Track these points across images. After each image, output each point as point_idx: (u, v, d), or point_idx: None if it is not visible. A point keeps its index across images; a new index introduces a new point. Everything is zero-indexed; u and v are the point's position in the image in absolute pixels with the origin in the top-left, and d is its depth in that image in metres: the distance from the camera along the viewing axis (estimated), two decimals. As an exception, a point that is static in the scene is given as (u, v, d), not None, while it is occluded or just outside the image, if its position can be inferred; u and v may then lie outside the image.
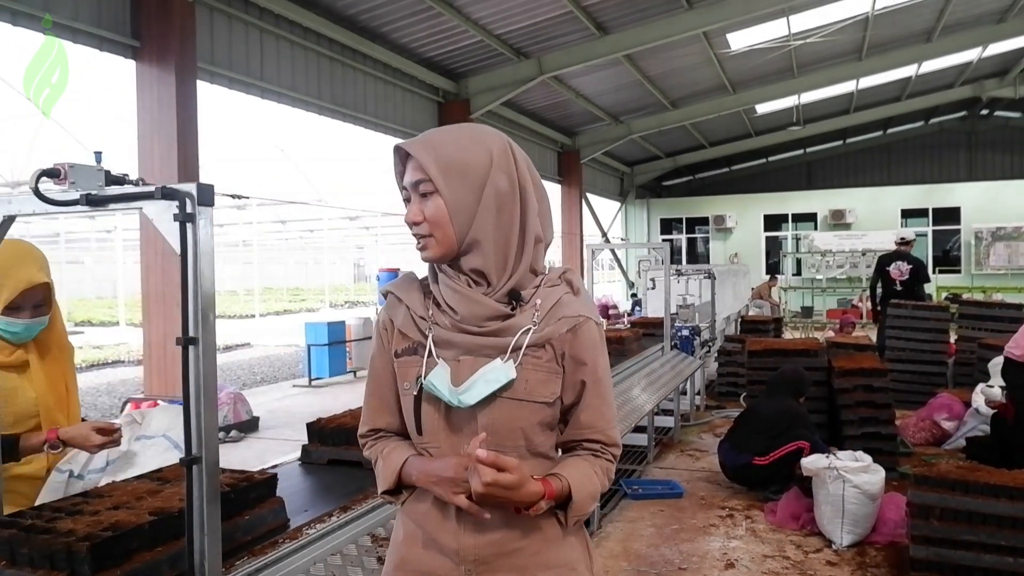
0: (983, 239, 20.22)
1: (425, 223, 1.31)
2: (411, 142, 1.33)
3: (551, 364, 1.34)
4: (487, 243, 1.31)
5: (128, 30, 6.99)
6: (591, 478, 1.35)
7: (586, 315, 1.37)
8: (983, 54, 15.37)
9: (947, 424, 6.18)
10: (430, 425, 1.35)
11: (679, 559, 3.93)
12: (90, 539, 1.41)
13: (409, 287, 1.42)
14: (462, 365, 1.32)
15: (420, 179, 1.31)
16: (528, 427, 1.33)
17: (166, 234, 1.41)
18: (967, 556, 3.26)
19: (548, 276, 1.40)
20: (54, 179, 1.48)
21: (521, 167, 1.36)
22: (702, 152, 21.28)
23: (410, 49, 10.84)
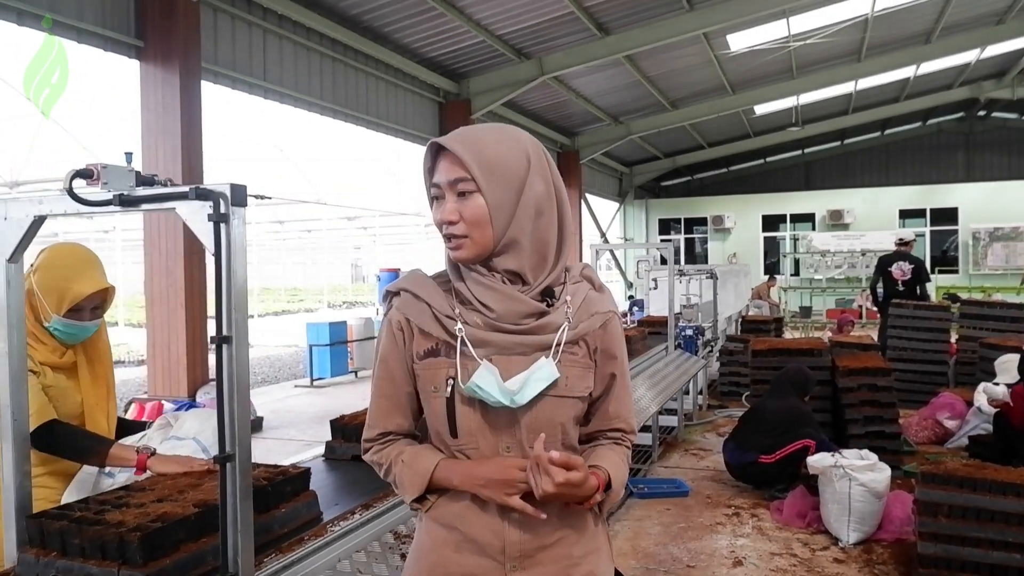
0: (981, 239, 20.29)
1: (462, 223, 1.29)
2: (451, 138, 1.31)
3: (585, 359, 1.37)
4: (524, 244, 1.30)
5: (132, 30, 7.01)
6: (621, 467, 1.40)
7: (613, 310, 1.42)
8: (981, 55, 15.43)
9: (950, 423, 6.22)
10: (468, 426, 1.33)
11: (687, 557, 3.95)
12: (140, 529, 1.44)
13: (426, 285, 1.38)
14: (507, 365, 1.31)
15: (460, 177, 1.28)
16: (567, 422, 1.36)
17: (199, 234, 1.43)
18: (975, 552, 3.29)
19: (571, 273, 1.41)
20: (86, 179, 1.49)
21: (554, 169, 1.37)
22: (701, 152, 21.32)
23: (412, 49, 10.86)
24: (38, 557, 1.54)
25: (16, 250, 1.63)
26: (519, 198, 1.29)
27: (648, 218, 24.00)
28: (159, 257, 7.00)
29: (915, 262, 8.99)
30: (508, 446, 1.33)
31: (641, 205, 23.88)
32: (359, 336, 11.07)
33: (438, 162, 1.32)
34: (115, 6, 6.86)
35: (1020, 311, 7.84)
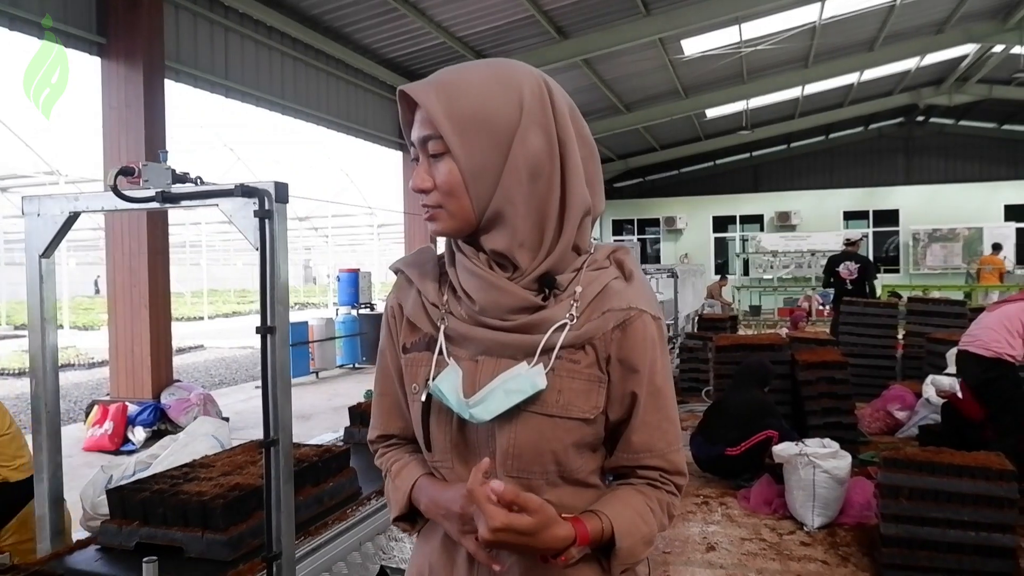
0: (920, 240, 21.08)
1: (435, 191, 1.05)
2: (419, 85, 1.05)
3: (592, 370, 1.07)
4: (514, 217, 1.03)
5: (94, 27, 6.90)
6: (646, 516, 1.08)
7: (640, 307, 1.08)
8: (921, 64, 16.05)
9: (900, 414, 6.51)
10: (440, 440, 1.11)
11: (663, 544, 4.10)
12: (223, 497, 1.52)
13: (423, 267, 1.16)
14: (481, 367, 1.07)
15: (429, 135, 1.03)
16: (561, 449, 1.06)
17: (244, 229, 1.50)
18: (934, 532, 3.50)
19: (593, 256, 1.11)
20: (128, 177, 1.55)
21: (562, 117, 1.06)
22: (653, 155, 21.70)
23: (372, 50, 10.87)
24: (120, 526, 1.64)
25: (49, 246, 1.67)
26: (506, 159, 1.02)
27: (602, 219, 24.23)
28: (122, 257, 6.91)
29: (861, 261, 9.42)
30: (485, 472, 1.02)
31: (595, 206, 24.17)
32: (320, 336, 11.03)
33: (415, 115, 1.07)
34: (76, 3, 6.75)
35: (962, 307, 8.23)
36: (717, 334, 7.74)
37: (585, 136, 1.09)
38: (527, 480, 1.06)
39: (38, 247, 1.67)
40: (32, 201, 1.65)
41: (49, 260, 1.69)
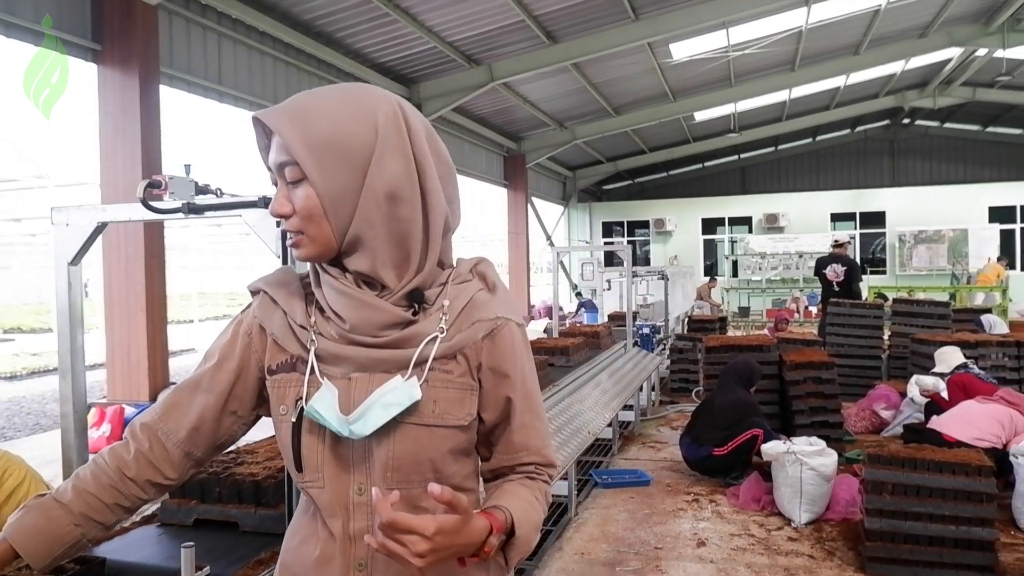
0: (906, 242, 21.33)
1: (295, 216, 1.05)
2: (273, 112, 1.05)
3: (464, 379, 1.11)
4: (374, 240, 1.06)
5: (89, 33, 6.96)
6: (534, 506, 1.13)
7: (506, 316, 1.13)
8: (906, 67, 16.27)
9: (885, 413, 6.65)
10: (312, 459, 1.09)
11: (654, 540, 4.21)
12: (273, 477, 1.66)
13: (288, 287, 1.16)
14: (355, 384, 1.08)
15: (285, 161, 1.04)
16: (438, 457, 1.09)
17: (265, 239, 1.59)
18: (916, 526, 3.63)
19: (457, 270, 1.16)
20: (155, 190, 1.64)
21: (418, 138, 1.08)
22: (642, 157, 21.87)
23: (364, 54, 10.95)
24: (179, 505, 1.87)
25: (78, 254, 1.76)
26: (362, 183, 1.04)
27: (592, 221, 24.45)
28: (118, 261, 6.96)
29: (847, 263, 9.60)
30: (360, 486, 1.08)
31: (585, 208, 24.32)
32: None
33: (272, 140, 1.07)
34: (72, 9, 6.81)
35: (946, 308, 8.40)
36: (707, 335, 7.87)
37: (442, 155, 1.12)
38: (407, 489, 1.07)
39: (67, 255, 1.76)
40: (61, 211, 1.74)
41: (77, 267, 1.78)
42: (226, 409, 1.17)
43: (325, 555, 1.10)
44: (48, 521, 1.10)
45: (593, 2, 10.44)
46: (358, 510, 1.08)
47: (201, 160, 18.94)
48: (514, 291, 18.16)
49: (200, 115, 22.86)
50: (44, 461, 6.55)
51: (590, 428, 4.42)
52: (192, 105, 8.56)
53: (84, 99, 7.15)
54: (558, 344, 5.89)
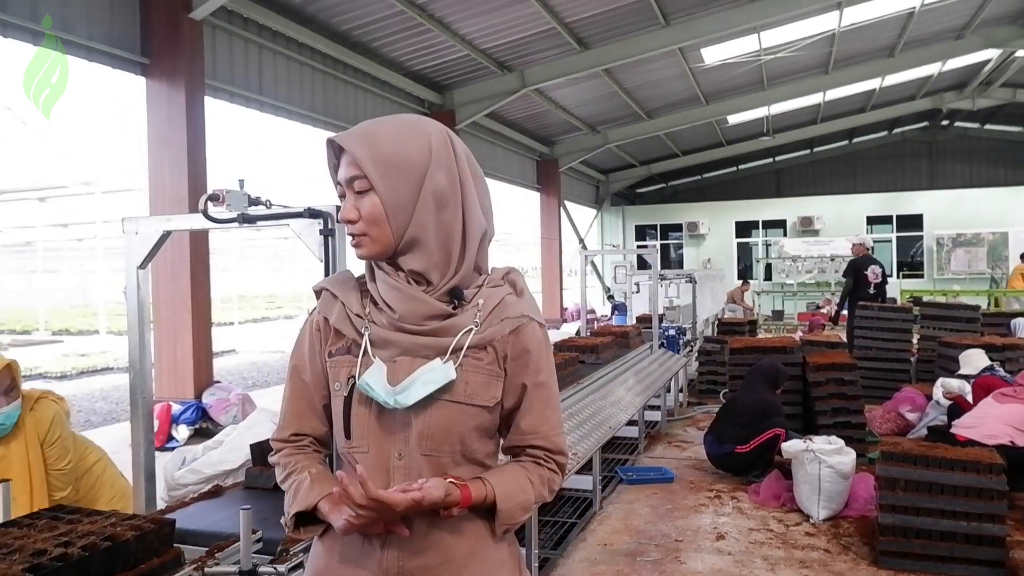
0: (944, 245, 21.06)
1: (361, 221, 1.26)
2: (346, 135, 1.28)
3: (492, 367, 1.30)
4: (427, 242, 1.26)
5: (139, 48, 7.31)
6: (524, 487, 1.30)
7: (529, 316, 1.33)
8: (943, 68, 16.13)
9: (911, 415, 6.70)
10: (360, 428, 1.28)
11: (675, 533, 4.38)
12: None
13: (345, 284, 1.37)
14: (399, 365, 1.27)
15: (355, 175, 1.25)
16: (466, 432, 1.28)
17: (310, 245, 1.81)
18: (928, 521, 3.75)
19: (491, 276, 1.36)
20: (214, 202, 1.87)
21: (461, 160, 1.30)
22: (675, 160, 21.91)
23: (399, 63, 11.23)
24: (261, 471, 2.26)
25: (146, 259, 2.00)
26: (419, 194, 1.25)
27: (624, 224, 24.52)
28: (165, 264, 7.29)
29: (882, 266, 9.70)
30: (400, 452, 1.27)
31: (618, 212, 24.41)
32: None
33: (341, 159, 1.29)
34: (123, 26, 7.17)
35: (975, 312, 8.39)
36: (732, 338, 7.98)
37: (479, 176, 1.34)
38: (437, 458, 1.26)
39: (136, 260, 1.99)
40: (132, 221, 1.98)
41: (145, 271, 2.02)
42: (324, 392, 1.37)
43: None
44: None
45: (623, 9, 10.60)
46: (397, 472, 1.27)
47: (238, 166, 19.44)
48: (546, 294, 18.33)
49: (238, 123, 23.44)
50: (96, 454, 6.91)
51: (612, 423, 4.59)
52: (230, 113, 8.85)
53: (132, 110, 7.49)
54: (588, 343, 6.13)
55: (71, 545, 1.42)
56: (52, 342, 20.82)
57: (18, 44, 6.32)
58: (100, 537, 1.46)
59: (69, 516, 1.61)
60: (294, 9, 9.00)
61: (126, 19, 7.22)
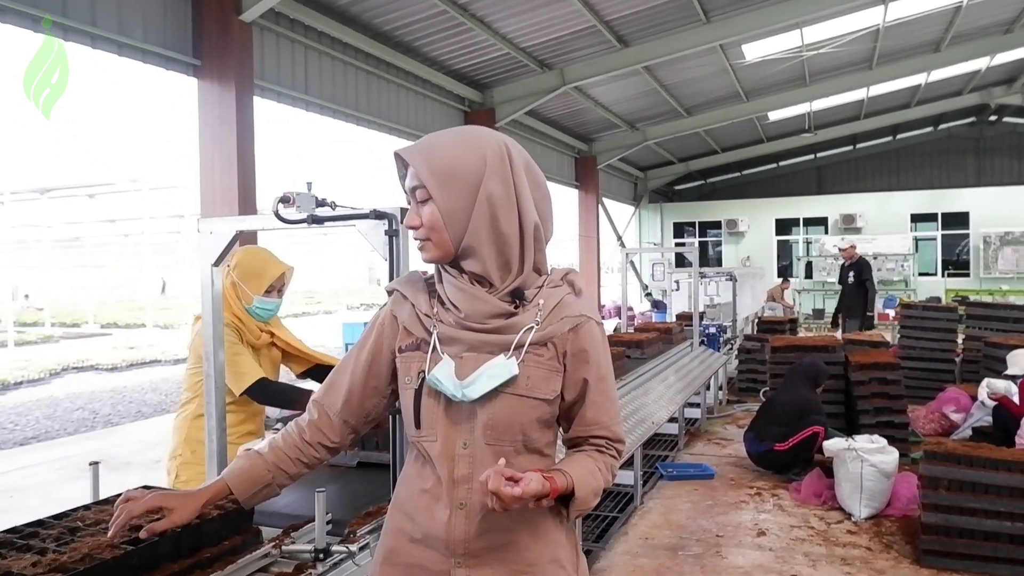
0: (991, 243, 20.61)
1: (423, 227, 1.35)
2: (408, 148, 1.37)
3: (552, 362, 1.37)
4: (483, 247, 1.34)
5: (191, 50, 7.53)
6: (595, 474, 1.37)
7: (588, 315, 1.41)
8: (991, 63, 15.79)
9: (955, 416, 6.64)
10: (429, 418, 1.37)
11: (716, 528, 4.43)
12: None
13: (415, 285, 1.46)
14: (465, 361, 1.35)
15: (416, 185, 1.35)
16: (527, 423, 1.36)
17: (375, 245, 1.91)
18: (971, 521, 3.75)
19: (551, 277, 1.43)
20: (285, 204, 1.98)
21: (518, 169, 1.36)
22: (714, 157, 21.75)
23: (440, 61, 11.36)
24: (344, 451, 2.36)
25: (219, 257, 2.12)
26: (474, 202, 1.32)
27: (663, 221, 24.43)
28: (215, 260, 7.49)
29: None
30: (465, 442, 1.35)
31: (656, 209, 24.32)
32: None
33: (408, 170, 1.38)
34: (175, 29, 7.39)
35: (1022, 312, 8.25)
36: (773, 336, 7.96)
37: (539, 183, 1.41)
38: (500, 447, 1.35)
39: (210, 258, 2.11)
40: (206, 222, 2.10)
41: (218, 268, 2.14)
42: (367, 384, 1.47)
43: (433, 495, 1.37)
44: (251, 467, 1.44)
45: (664, 6, 10.59)
46: (461, 460, 1.36)
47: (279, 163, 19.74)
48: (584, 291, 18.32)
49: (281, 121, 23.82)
50: (150, 444, 7.17)
51: (655, 419, 4.65)
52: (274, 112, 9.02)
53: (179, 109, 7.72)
54: (634, 338, 6.24)
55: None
56: (101, 335, 21.43)
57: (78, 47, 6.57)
58: None
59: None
60: (339, 10, 9.18)
61: (179, 22, 7.44)
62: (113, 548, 1.41)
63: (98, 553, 1.39)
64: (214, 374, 2.14)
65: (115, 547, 1.41)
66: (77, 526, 1.55)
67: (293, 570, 1.63)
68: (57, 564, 1.35)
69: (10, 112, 17.52)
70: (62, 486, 5.79)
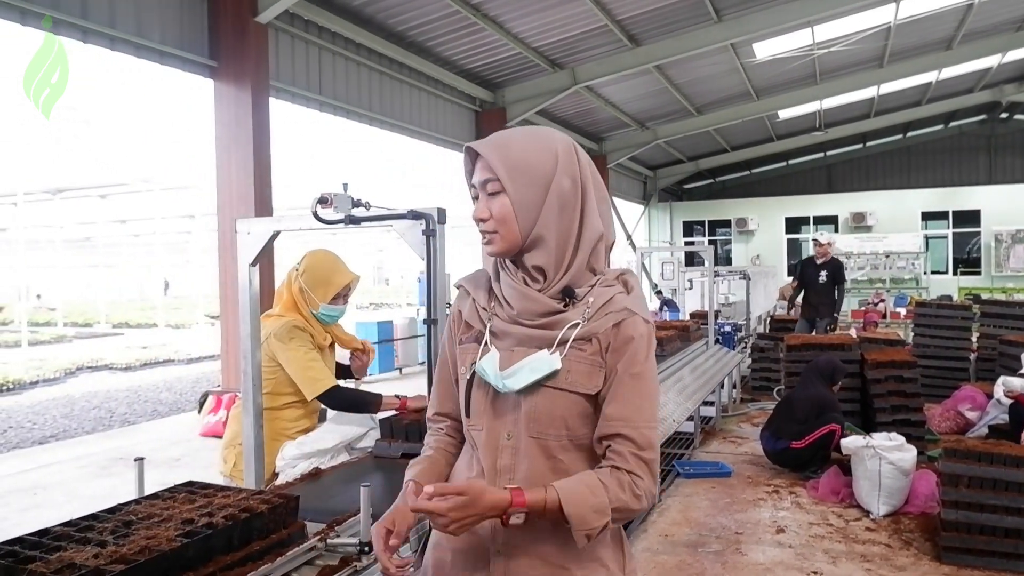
0: (1003, 241, 20.54)
1: (491, 220, 1.37)
2: (481, 143, 1.40)
3: (595, 357, 1.37)
4: (549, 241, 1.37)
5: (207, 52, 7.59)
6: (596, 490, 1.30)
7: (633, 310, 1.40)
8: (1002, 60, 15.74)
9: (971, 414, 6.64)
10: (477, 408, 1.43)
11: (735, 525, 4.45)
12: None
13: (478, 281, 1.51)
14: (514, 355, 1.39)
15: (488, 178, 1.37)
16: (569, 417, 1.37)
17: (412, 245, 1.95)
18: (991, 517, 3.76)
19: (605, 277, 1.44)
20: (322, 205, 2.02)
21: (584, 169, 1.41)
22: (724, 156, 21.74)
23: (452, 62, 11.41)
24: (390, 443, 2.53)
25: (257, 257, 2.16)
26: (545, 197, 1.36)
27: (672, 220, 24.42)
28: (233, 262, 7.54)
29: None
30: (509, 433, 1.39)
31: (665, 208, 24.31)
32: (404, 335, 11.62)
33: (476, 164, 1.41)
34: (192, 30, 7.45)
35: (1039, 310, 8.24)
36: (788, 334, 7.96)
37: (601, 185, 1.45)
38: (544, 440, 1.37)
39: (248, 258, 2.16)
40: (244, 222, 2.15)
41: (255, 268, 2.18)
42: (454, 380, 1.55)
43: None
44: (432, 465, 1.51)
45: (675, 5, 10.60)
46: (504, 450, 1.40)
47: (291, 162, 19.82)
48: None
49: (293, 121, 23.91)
50: (169, 442, 7.24)
51: (675, 416, 4.68)
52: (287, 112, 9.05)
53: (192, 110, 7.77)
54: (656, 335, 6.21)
55: (214, 515, 1.58)
56: (113, 335, 21.56)
57: (98, 50, 6.63)
58: (238, 509, 1.63)
59: (203, 490, 1.79)
60: (353, 11, 9.23)
61: (195, 24, 7.50)
62: (170, 541, 1.45)
63: (156, 545, 1.43)
64: (251, 371, 2.18)
65: (172, 540, 1.45)
66: (131, 519, 1.59)
67: (338, 563, 1.67)
68: (118, 556, 1.39)
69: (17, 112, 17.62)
70: (86, 483, 5.86)
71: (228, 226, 7.62)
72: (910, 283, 20.52)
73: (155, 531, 1.52)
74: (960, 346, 8.09)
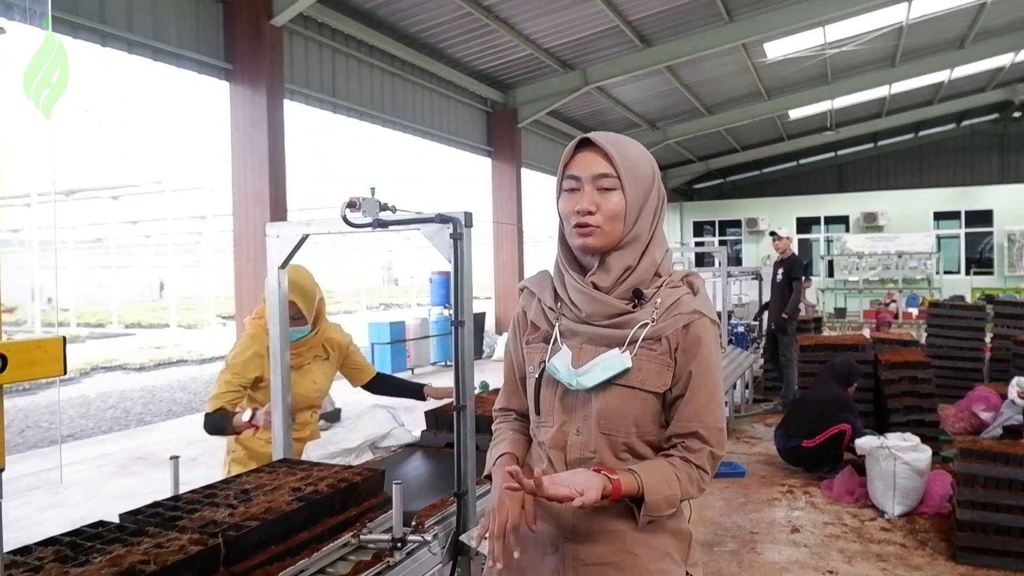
0: (1016, 241, 20.42)
1: (599, 214, 1.41)
2: (602, 136, 1.45)
3: (664, 357, 1.41)
4: (638, 244, 1.44)
5: (222, 55, 7.66)
6: (671, 483, 1.38)
7: (702, 312, 1.44)
8: (1015, 59, 15.67)
9: (984, 415, 6.64)
10: (547, 405, 1.48)
11: (750, 525, 4.47)
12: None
13: (543, 283, 1.56)
14: (583, 352, 1.44)
15: (605, 173, 1.42)
16: (639, 415, 1.41)
17: (439, 248, 1.98)
18: (1007, 517, 3.78)
19: (671, 278, 1.49)
20: (351, 209, 2.06)
21: (659, 182, 1.51)
22: (734, 156, 21.72)
23: (464, 63, 11.47)
24: (435, 433, 2.75)
25: (286, 260, 2.21)
26: (645, 201, 1.45)
27: (682, 220, 24.39)
28: (247, 262, 7.64)
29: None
30: (578, 429, 1.44)
31: (675, 208, 24.29)
32: (416, 335, 11.67)
33: (576, 156, 1.46)
34: (207, 34, 7.53)
35: (1053, 310, 8.21)
36: (801, 335, 7.97)
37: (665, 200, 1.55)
38: (614, 437, 1.42)
39: (277, 261, 2.20)
40: (274, 226, 2.19)
41: (284, 271, 2.22)
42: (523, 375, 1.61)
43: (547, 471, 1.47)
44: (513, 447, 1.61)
45: (687, 5, 10.63)
46: (573, 447, 1.45)
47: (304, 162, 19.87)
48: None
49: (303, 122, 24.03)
50: (185, 442, 7.30)
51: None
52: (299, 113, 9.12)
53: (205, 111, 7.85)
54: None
55: (317, 485, 1.88)
56: (126, 335, 21.69)
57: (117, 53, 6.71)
58: (336, 480, 1.93)
59: (299, 465, 2.10)
60: (366, 13, 9.30)
61: (211, 28, 7.58)
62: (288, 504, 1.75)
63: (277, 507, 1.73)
64: (280, 371, 2.22)
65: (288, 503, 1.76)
66: (247, 488, 1.89)
67: (372, 558, 1.71)
68: (248, 515, 1.68)
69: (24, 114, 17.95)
70: (105, 482, 5.93)
71: (243, 227, 7.70)
72: (922, 283, 20.44)
73: (272, 496, 1.80)
74: (974, 347, 8.08)
